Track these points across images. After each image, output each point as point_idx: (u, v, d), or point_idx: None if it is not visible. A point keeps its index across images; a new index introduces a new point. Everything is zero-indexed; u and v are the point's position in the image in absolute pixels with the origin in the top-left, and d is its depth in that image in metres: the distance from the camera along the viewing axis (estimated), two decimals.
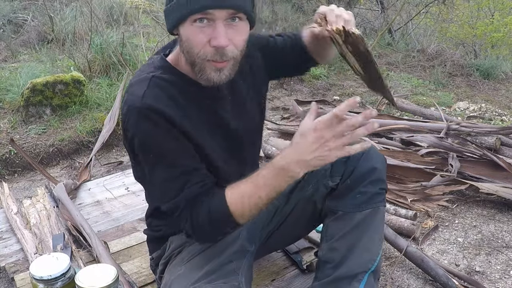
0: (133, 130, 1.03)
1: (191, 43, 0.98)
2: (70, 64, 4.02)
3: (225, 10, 0.95)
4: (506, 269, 1.85)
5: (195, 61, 1.00)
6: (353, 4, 6.85)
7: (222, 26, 0.96)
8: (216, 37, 0.96)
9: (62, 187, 2.14)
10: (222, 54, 0.98)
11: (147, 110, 1.00)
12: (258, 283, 1.51)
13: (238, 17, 0.98)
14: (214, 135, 1.14)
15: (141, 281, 1.55)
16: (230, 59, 1.00)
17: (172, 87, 1.06)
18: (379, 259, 1.20)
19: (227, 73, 1.02)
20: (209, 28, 0.97)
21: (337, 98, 4.29)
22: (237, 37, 1.00)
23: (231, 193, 1.01)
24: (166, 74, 1.07)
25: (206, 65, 1.00)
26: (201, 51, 0.98)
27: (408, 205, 2.26)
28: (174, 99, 1.05)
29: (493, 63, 5.36)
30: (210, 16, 0.95)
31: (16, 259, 1.72)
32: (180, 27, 1.00)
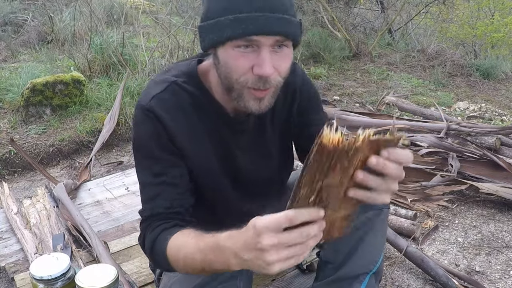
0: (134, 127, 1.05)
1: (231, 68, 0.90)
2: (70, 64, 4.02)
3: (272, 37, 0.86)
4: (506, 269, 1.85)
5: (233, 87, 0.92)
6: (353, 4, 6.86)
7: (268, 53, 0.87)
8: (260, 65, 0.87)
9: (62, 187, 2.14)
10: (265, 82, 0.89)
11: (149, 112, 0.99)
12: (258, 283, 1.51)
13: (284, 45, 0.90)
14: (220, 166, 1.09)
15: (141, 281, 1.55)
16: (272, 87, 0.92)
17: (189, 100, 1.02)
18: (381, 260, 1.19)
19: (267, 103, 0.94)
20: (252, 54, 0.88)
21: (337, 98, 4.29)
22: (282, 64, 0.91)
23: (175, 239, 0.92)
24: (189, 84, 1.02)
25: (246, 92, 0.92)
26: (241, 78, 0.90)
27: (408, 205, 2.26)
28: (185, 112, 1.01)
29: (493, 63, 5.36)
30: (255, 43, 0.86)
31: (16, 259, 1.72)
32: (219, 48, 0.91)
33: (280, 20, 0.85)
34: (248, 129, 1.09)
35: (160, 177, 1.00)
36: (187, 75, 1.03)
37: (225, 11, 0.85)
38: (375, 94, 4.43)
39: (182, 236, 0.92)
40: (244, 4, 0.84)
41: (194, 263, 0.85)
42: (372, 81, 4.84)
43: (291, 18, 0.88)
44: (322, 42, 5.35)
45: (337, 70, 5.01)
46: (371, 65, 5.35)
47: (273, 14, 0.84)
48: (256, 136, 1.11)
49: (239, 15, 0.84)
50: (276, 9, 0.85)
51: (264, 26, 0.84)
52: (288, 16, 0.87)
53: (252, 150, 1.12)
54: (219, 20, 0.86)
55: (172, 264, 0.93)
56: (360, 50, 5.60)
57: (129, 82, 3.47)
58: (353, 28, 6.43)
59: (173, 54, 4.02)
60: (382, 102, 4.10)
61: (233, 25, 0.85)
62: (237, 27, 0.84)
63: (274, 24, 0.85)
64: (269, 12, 0.84)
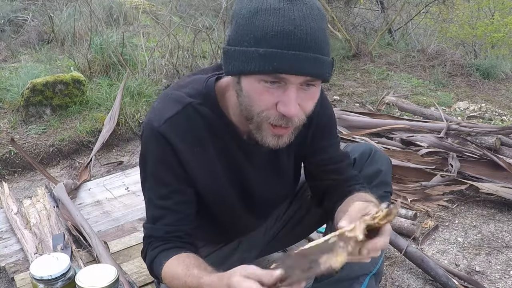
0: (142, 144, 1.04)
1: (254, 101, 0.85)
2: (70, 64, 4.02)
3: (302, 77, 0.82)
4: (506, 269, 1.85)
5: (253, 119, 0.88)
6: (353, 4, 6.86)
7: (295, 92, 0.83)
8: (286, 104, 0.83)
9: (62, 187, 2.14)
10: (288, 121, 0.86)
11: (161, 136, 0.97)
12: None
13: (313, 84, 0.85)
14: (232, 189, 1.08)
15: (141, 281, 1.55)
16: (294, 125, 0.88)
17: (203, 125, 0.99)
18: (381, 262, 1.19)
19: (286, 140, 0.91)
20: (278, 90, 0.83)
21: (337, 98, 4.29)
22: (308, 102, 0.87)
23: (169, 267, 0.99)
24: (206, 106, 0.98)
25: (265, 127, 0.88)
26: (263, 113, 0.86)
27: (408, 205, 2.26)
28: (198, 137, 0.99)
29: (493, 63, 5.36)
30: (283, 80, 0.82)
31: (16, 259, 1.72)
32: (243, 77, 0.86)
33: (312, 60, 0.80)
34: (262, 152, 1.06)
35: (165, 200, 1.02)
36: (204, 96, 0.99)
37: (255, 42, 0.80)
38: (375, 94, 4.43)
39: (176, 264, 0.97)
40: (277, 38, 0.79)
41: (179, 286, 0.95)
42: (372, 81, 4.84)
43: (325, 58, 0.83)
44: None
45: (337, 70, 5.01)
46: (371, 65, 5.35)
47: (307, 54, 0.79)
48: (269, 159, 1.09)
49: (270, 50, 0.79)
50: (310, 48, 0.80)
51: (296, 65, 0.79)
52: (322, 56, 0.82)
53: (265, 172, 1.11)
54: (248, 50, 0.81)
55: (165, 282, 1.02)
56: (360, 50, 5.60)
57: (129, 82, 3.47)
58: (353, 28, 6.43)
59: (173, 54, 4.02)
60: (382, 102, 4.10)
61: (263, 60, 0.79)
62: (267, 63, 0.79)
63: (306, 64, 0.80)
64: (302, 50, 0.79)
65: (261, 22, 0.80)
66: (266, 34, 0.79)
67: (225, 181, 1.07)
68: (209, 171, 1.03)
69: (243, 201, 1.12)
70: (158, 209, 1.03)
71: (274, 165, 1.12)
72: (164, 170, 1.00)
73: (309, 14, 0.80)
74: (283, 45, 0.79)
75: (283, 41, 0.79)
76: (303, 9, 0.80)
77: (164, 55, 4.02)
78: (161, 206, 1.03)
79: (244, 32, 0.82)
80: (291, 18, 0.79)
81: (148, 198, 1.06)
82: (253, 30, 0.81)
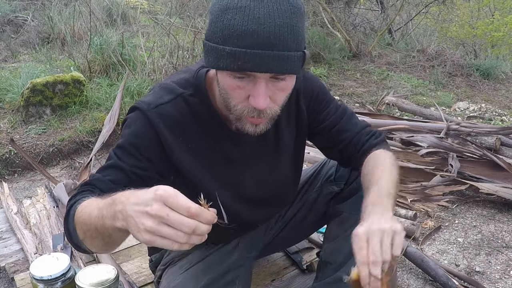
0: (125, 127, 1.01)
1: (228, 95, 0.90)
2: (70, 64, 4.02)
3: (268, 74, 0.84)
4: (506, 269, 1.85)
5: (230, 110, 0.92)
6: (353, 4, 6.86)
7: (264, 86, 0.85)
8: (255, 97, 0.85)
9: (62, 187, 2.14)
10: (260, 113, 0.89)
11: (147, 119, 0.97)
12: (258, 283, 1.51)
13: (282, 78, 0.87)
14: (219, 179, 1.07)
15: (141, 281, 1.55)
16: (267, 116, 0.91)
17: (192, 115, 1.00)
18: None
19: (264, 127, 0.94)
20: (249, 84, 0.86)
21: (337, 98, 4.29)
22: (279, 94, 0.89)
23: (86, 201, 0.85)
24: (195, 97, 1.01)
25: (243, 118, 0.92)
26: (238, 105, 0.90)
27: (408, 205, 2.26)
28: (186, 127, 1.00)
29: (493, 63, 5.37)
30: (251, 75, 0.85)
31: (16, 259, 1.72)
32: (218, 72, 0.91)
33: (276, 58, 0.81)
34: (250, 141, 1.07)
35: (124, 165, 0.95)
36: (195, 87, 1.01)
37: (223, 41, 0.82)
38: (375, 94, 4.44)
39: (93, 199, 0.85)
40: (241, 38, 0.80)
41: (90, 220, 0.79)
42: (372, 81, 4.85)
43: (291, 54, 0.83)
44: (322, 42, 5.35)
45: (337, 70, 5.01)
46: (371, 65, 5.35)
47: (270, 52, 0.80)
48: (258, 147, 1.09)
49: (235, 49, 0.81)
50: (274, 46, 0.81)
51: (260, 64, 0.81)
52: (287, 53, 0.82)
53: (254, 162, 1.11)
54: (218, 47, 0.83)
55: (76, 227, 0.85)
56: (360, 50, 5.60)
57: (129, 82, 3.47)
58: (353, 28, 6.43)
59: (173, 54, 4.02)
60: (382, 102, 4.10)
61: (229, 58, 0.82)
62: (233, 61, 0.82)
63: (270, 62, 0.81)
64: (266, 49, 0.80)
65: (228, 21, 0.82)
66: (232, 33, 0.81)
67: (211, 169, 1.06)
68: (193, 162, 1.02)
69: (232, 194, 1.10)
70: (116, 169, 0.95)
71: (265, 156, 1.11)
72: (140, 146, 0.96)
73: (276, 10, 0.81)
74: (247, 45, 0.80)
75: (247, 41, 0.80)
76: (270, 5, 0.81)
77: (164, 55, 4.02)
78: (120, 167, 0.95)
79: (215, 29, 0.85)
80: (255, 16, 0.80)
81: (111, 156, 0.98)
82: (222, 28, 0.83)
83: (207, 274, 1.13)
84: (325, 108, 1.15)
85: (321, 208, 1.28)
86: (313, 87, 1.13)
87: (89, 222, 0.79)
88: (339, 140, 1.14)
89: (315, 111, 1.14)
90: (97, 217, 0.77)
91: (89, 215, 0.80)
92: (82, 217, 0.82)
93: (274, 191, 1.17)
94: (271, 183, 1.15)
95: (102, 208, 0.77)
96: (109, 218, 0.74)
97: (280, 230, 1.36)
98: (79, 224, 0.84)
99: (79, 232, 0.84)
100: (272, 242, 1.38)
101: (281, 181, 1.18)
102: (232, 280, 1.14)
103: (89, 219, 0.80)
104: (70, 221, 0.87)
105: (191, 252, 1.20)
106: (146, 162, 0.96)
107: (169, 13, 5.13)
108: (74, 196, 0.92)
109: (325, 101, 1.15)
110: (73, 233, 0.87)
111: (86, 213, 0.81)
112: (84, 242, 0.85)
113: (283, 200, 1.25)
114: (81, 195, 0.90)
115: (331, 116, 1.14)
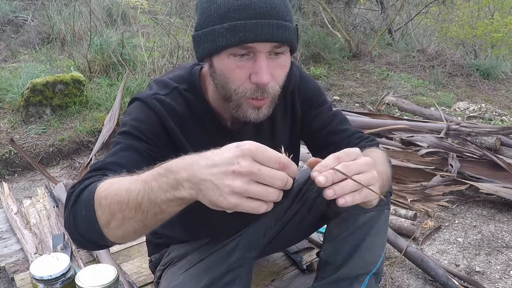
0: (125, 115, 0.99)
1: (228, 78, 0.88)
2: (70, 64, 4.02)
3: (269, 44, 0.84)
4: (506, 269, 1.85)
5: (231, 97, 0.90)
6: (353, 4, 6.86)
7: (265, 60, 0.85)
8: (257, 73, 0.85)
9: (62, 187, 2.14)
10: (263, 91, 0.87)
11: (147, 105, 0.97)
12: (258, 283, 1.51)
13: (281, 52, 0.87)
14: None
15: (141, 281, 1.55)
16: (269, 96, 0.90)
17: (187, 110, 1.01)
18: (381, 261, 1.19)
19: (266, 111, 0.92)
20: (248, 62, 0.86)
21: (337, 98, 4.29)
22: (279, 71, 0.89)
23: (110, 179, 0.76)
24: (190, 93, 1.01)
25: (244, 102, 0.90)
26: (239, 88, 0.88)
27: (408, 205, 2.26)
28: (183, 121, 1.00)
29: (493, 63, 5.37)
30: (252, 50, 0.84)
31: (16, 259, 1.72)
32: (214, 58, 0.89)
33: (276, 27, 0.83)
34: (244, 138, 1.07)
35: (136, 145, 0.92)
36: (189, 83, 1.02)
37: (219, 20, 0.84)
38: (375, 94, 4.44)
39: (119, 177, 0.76)
40: (239, 11, 0.82)
41: (128, 196, 0.70)
42: (372, 81, 4.85)
43: (288, 24, 0.85)
44: (322, 42, 5.35)
45: (337, 70, 5.01)
46: (371, 65, 5.35)
47: (269, 21, 0.83)
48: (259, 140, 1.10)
49: (234, 23, 0.82)
50: (272, 15, 0.83)
51: (261, 33, 0.82)
52: (284, 22, 0.85)
53: None
54: (214, 28, 0.84)
55: (95, 205, 0.74)
56: (360, 50, 5.61)
57: (129, 82, 3.47)
58: (353, 28, 6.43)
59: (173, 54, 4.02)
60: (382, 102, 4.10)
61: (229, 33, 0.82)
62: (233, 35, 0.82)
63: (270, 30, 0.83)
64: (265, 18, 0.82)
65: (222, 0, 0.84)
66: (228, 9, 0.83)
67: None
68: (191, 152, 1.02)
69: None
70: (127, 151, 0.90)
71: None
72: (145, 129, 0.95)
73: None
74: (246, 16, 0.82)
75: (246, 13, 0.82)
76: None
77: (164, 55, 4.02)
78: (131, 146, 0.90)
79: (208, 13, 0.86)
80: None
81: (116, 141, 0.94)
82: (216, 9, 0.85)
83: (207, 274, 1.13)
84: (318, 108, 1.16)
85: (321, 208, 1.28)
86: (308, 87, 1.15)
87: (126, 200, 0.70)
88: (331, 142, 1.14)
89: (309, 111, 1.15)
90: (141, 192, 0.68)
91: (126, 192, 0.70)
92: (111, 196, 0.72)
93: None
94: None
95: (147, 181, 0.69)
96: (163, 190, 0.67)
97: (280, 230, 1.36)
98: (104, 205, 0.73)
99: (104, 216, 0.73)
100: (272, 242, 1.38)
101: None
102: (232, 280, 1.14)
103: (126, 197, 0.70)
104: (80, 206, 0.77)
105: (191, 253, 1.20)
106: (153, 144, 0.95)
107: (169, 13, 5.13)
108: (79, 183, 0.82)
109: (319, 102, 1.16)
110: (87, 219, 0.75)
111: (118, 191, 0.71)
112: (107, 227, 0.74)
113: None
114: (91, 180, 0.80)
115: (323, 117, 1.15)
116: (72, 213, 0.78)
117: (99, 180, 0.78)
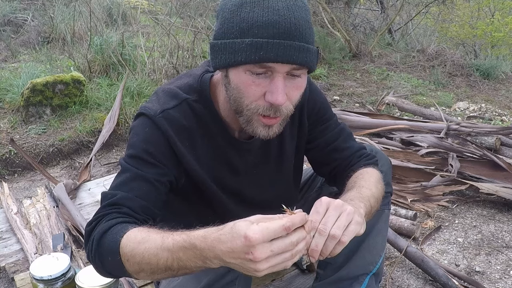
0: (133, 131, 1.00)
1: (242, 93, 0.87)
2: (70, 64, 4.02)
3: (288, 65, 0.83)
4: (506, 269, 1.85)
5: (242, 112, 0.90)
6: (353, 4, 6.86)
7: (282, 81, 0.84)
8: (273, 92, 0.84)
9: (62, 187, 2.14)
10: (276, 110, 0.87)
11: (155, 124, 0.96)
12: (258, 283, 1.51)
13: (298, 75, 0.87)
14: (223, 185, 1.08)
15: (141, 281, 1.55)
16: (282, 115, 0.89)
17: (197, 122, 1.00)
18: (381, 262, 1.19)
19: (276, 130, 0.92)
20: (265, 80, 0.85)
21: (337, 98, 4.29)
22: (295, 92, 0.88)
23: (134, 232, 0.82)
24: (200, 103, 1.00)
25: (255, 119, 0.89)
26: (252, 104, 0.87)
27: (408, 205, 2.26)
28: (191, 133, 1.00)
29: (493, 63, 5.37)
30: (270, 69, 0.83)
31: (16, 259, 1.72)
32: (230, 69, 0.88)
33: (298, 49, 0.82)
34: (254, 149, 1.07)
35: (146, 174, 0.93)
36: (199, 93, 1.00)
37: (241, 34, 0.82)
38: (375, 94, 4.44)
39: (143, 231, 0.82)
40: (262, 28, 0.80)
41: (157, 260, 0.77)
42: (372, 81, 4.85)
43: (310, 47, 0.84)
44: (322, 42, 5.35)
45: (337, 70, 5.01)
46: (371, 65, 5.35)
47: (292, 42, 0.81)
48: (261, 156, 1.10)
49: (256, 40, 0.81)
50: (295, 36, 0.81)
51: (282, 54, 0.81)
52: (307, 45, 0.83)
53: (256, 169, 1.11)
54: (235, 41, 0.83)
55: (122, 258, 0.81)
56: (360, 50, 5.60)
57: (129, 82, 3.47)
58: (353, 28, 6.43)
59: (173, 54, 4.02)
60: (382, 102, 4.10)
61: (249, 50, 0.81)
62: (254, 52, 0.81)
63: (292, 52, 0.81)
64: (288, 39, 0.81)
65: (246, 14, 0.82)
66: (252, 25, 0.81)
67: (215, 175, 1.06)
68: (199, 168, 1.02)
69: (235, 199, 1.11)
70: (135, 181, 0.92)
71: (268, 165, 1.12)
72: (153, 152, 0.95)
73: (293, 5, 0.83)
74: (268, 35, 0.80)
75: (269, 31, 0.80)
76: (287, 0, 0.83)
77: (164, 55, 4.02)
78: (141, 176, 0.92)
79: (230, 25, 0.84)
80: (275, 8, 0.81)
81: (125, 167, 0.95)
82: (239, 22, 0.83)
83: (206, 275, 1.13)
84: (325, 123, 1.16)
85: None
86: (316, 101, 1.14)
87: (155, 263, 0.77)
88: (334, 158, 1.15)
89: (316, 124, 1.15)
90: (169, 259, 0.76)
91: (155, 257, 0.77)
92: (138, 256, 0.79)
93: (276, 197, 1.18)
94: (273, 190, 1.16)
95: (173, 251, 0.75)
96: (193, 261, 0.74)
97: None
98: (133, 263, 0.80)
99: (133, 268, 0.81)
100: None
101: (283, 188, 1.19)
102: (232, 280, 1.14)
103: (155, 261, 0.77)
104: (105, 252, 0.83)
105: None
106: (164, 167, 0.96)
107: (169, 13, 5.12)
108: (99, 219, 0.88)
109: (325, 116, 1.16)
110: (115, 266, 0.82)
111: (145, 254, 0.78)
112: (137, 274, 0.83)
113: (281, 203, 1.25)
114: (109, 218, 0.86)
115: (329, 132, 1.15)
116: (98, 257, 0.86)
117: (117, 223, 0.85)
